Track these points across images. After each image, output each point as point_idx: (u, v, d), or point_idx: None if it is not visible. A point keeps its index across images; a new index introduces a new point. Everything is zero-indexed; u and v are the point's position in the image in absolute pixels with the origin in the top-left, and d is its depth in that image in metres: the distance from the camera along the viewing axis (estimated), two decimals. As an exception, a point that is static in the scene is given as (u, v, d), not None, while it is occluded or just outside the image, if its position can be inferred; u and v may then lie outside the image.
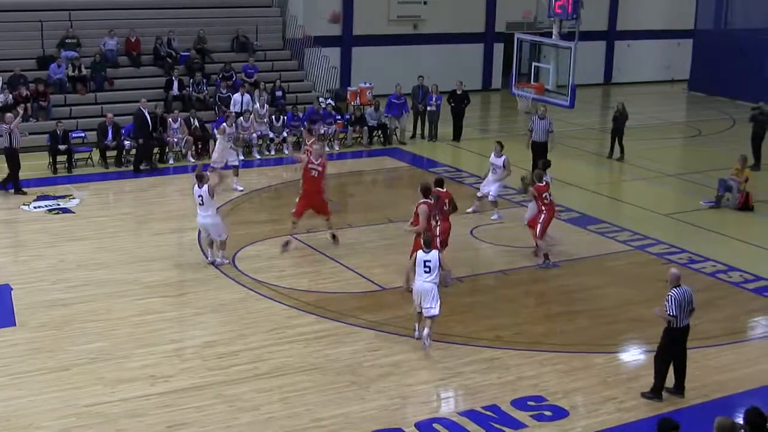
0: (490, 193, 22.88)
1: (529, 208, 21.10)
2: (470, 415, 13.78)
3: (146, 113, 27.44)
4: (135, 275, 18.98)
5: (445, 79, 34.12)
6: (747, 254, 21.43)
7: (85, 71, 31.36)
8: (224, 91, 31.42)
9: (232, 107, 30.20)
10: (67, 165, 26.96)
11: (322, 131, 29.97)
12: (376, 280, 19.10)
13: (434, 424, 13.49)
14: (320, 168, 20.41)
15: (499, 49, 42.62)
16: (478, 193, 23.30)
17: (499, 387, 14.67)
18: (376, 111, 31.84)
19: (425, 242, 16.38)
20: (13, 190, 24.45)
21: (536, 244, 20.38)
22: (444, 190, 19.09)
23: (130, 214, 23.81)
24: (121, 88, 32.01)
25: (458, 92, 32.78)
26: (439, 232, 18.42)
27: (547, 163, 22.17)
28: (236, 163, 25.53)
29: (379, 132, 32.04)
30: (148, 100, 29.12)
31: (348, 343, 16.12)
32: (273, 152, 29.83)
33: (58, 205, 23.65)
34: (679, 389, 14.52)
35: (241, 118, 28.96)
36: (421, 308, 16.01)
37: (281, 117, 30.32)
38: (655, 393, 14.39)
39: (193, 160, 28.46)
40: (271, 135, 29.89)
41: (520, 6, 40.39)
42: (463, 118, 32.82)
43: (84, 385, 14.34)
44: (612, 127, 30.50)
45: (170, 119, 28.36)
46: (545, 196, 20.19)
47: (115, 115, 28.35)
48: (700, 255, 21.02)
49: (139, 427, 13.21)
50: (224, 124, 25.95)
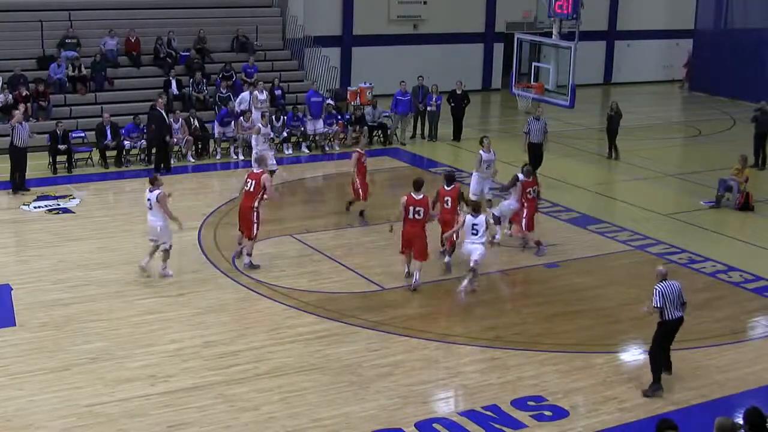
0: (485, 192, 22.55)
1: (504, 202, 21.25)
2: (470, 415, 13.78)
3: (164, 113, 27.53)
4: (135, 275, 18.97)
5: (445, 79, 34.13)
6: (747, 254, 21.44)
7: (85, 71, 31.36)
8: (224, 91, 31.42)
9: (237, 106, 30.13)
10: (67, 165, 26.97)
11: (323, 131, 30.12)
12: (376, 280, 19.11)
13: (434, 424, 13.49)
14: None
15: (499, 49, 42.65)
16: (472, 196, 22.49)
17: (499, 387, 14.67)
18: (374, 110, 31.85)
19: (474, 207, 18.52)
20: (11, 189, 24.45)
21: (523, 237, 20.95)
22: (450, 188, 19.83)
23: (130, 214, 23.74)
24: (121, 88, 32.02)
25: (458, 92, 32.80)
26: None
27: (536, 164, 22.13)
28: (274, 168, 24.55)
29: (379, 132, 32.06)
30: (147, 101, 29.21)
31: (348, 343, 16.13)
32: (273, 152, 29.78)
33: (58, 205, 23.66)
34: (666, 367, 14.86)
35: (242, 118, 28.94)
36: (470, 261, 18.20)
37: (281, 117, 30.32)
38: (654, 389, 14.53)
39: (193, 160, 28.47)
40: (272, 134, 29.87)
41: (520, 6, 40.42)
42: (463, 118, 32.84)
43: (84, 385, 14.34)
44: (606, 127, 30.49)
45: (171, 119, 28.33)
46: (529, 191, 20.57)
47: (116, 115, 28.42)
48: (700, 255, 21.03)
49: (140, 427, 13.22)
50: (259, 124, 25.84)
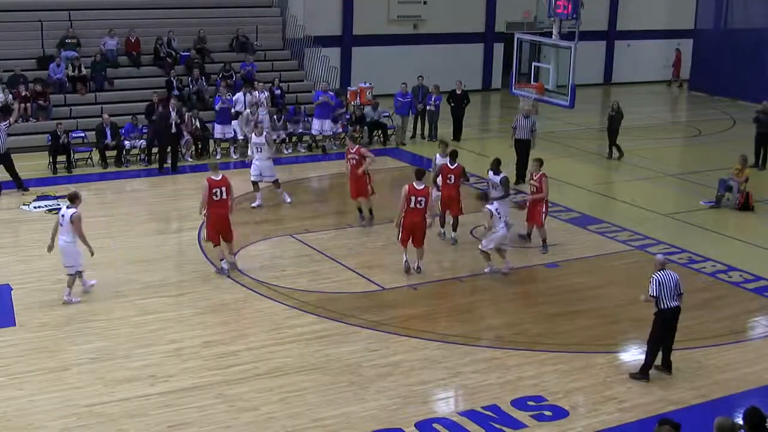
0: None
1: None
2: (470, 415, 13.78)
3: (173, 113, 27.62)
4: (135, 275, 18.99)
5: (446, 79, 34.13)
6: (747, 254, 21.43)
7: (85, 71, 31.36)
8: (224, 91, 31.39)
9: (233, 107, 30.16)
10: (66, 165, 26.97)
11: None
12: (375, 280, 19.10)
13: (434, 424, 13.48)
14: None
15: (499, 49, 42.66)
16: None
17: (499, 387, 14.66)
18: (374, 110, 31.85)
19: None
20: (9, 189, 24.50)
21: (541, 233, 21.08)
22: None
23: (130, 214, 23.79)
24: (121, 88, 32.02)
25: (458, 92, 32.80)
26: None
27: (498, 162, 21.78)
28: (273, 177, 24.25)
29: (379, 131, 32.07)
30: (147, 101, 29.25)
31: (348, 343, 16.13)
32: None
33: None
34: (666, 367, 15.08)
35: (237, 120, 29.04)
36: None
37: (281, 117, 30.33)
38: (644, 373, 14.89)
39: (191, 160, 28.45)
40: (274, 136, 29.93)
41: (520, 6, 40.43)
42: (463, 118, 32.84)
43: (84, 385, 14.34)
44: (607, 127, 30.47)
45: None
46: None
47: (116, 115, 28.46)
48: (700, 255, 21.03)
49: (140, 427, 13.21)
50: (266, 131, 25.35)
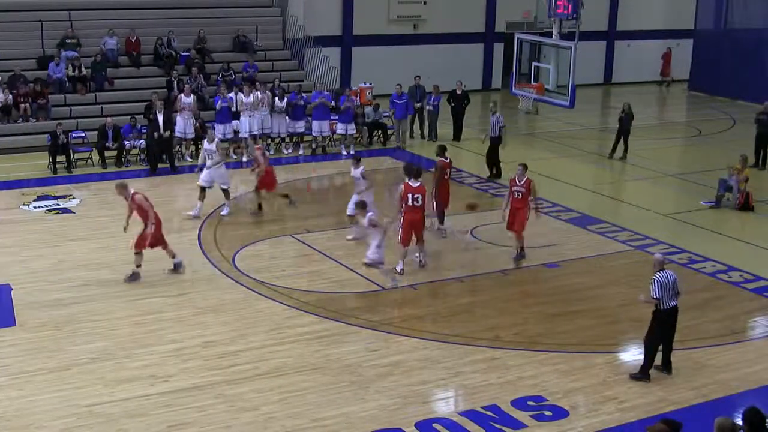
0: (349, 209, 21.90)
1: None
2: (470, 415, 13.78)
3: (160, 116, 27.61)
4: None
5: (446, 79, 34.17)
6: (747, 254, 21.44)
7: (85, 71, 31.37)
8: (226, 92, 31.32)
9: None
10: (66, 165, 26.98)
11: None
12: (375, 280, 19.11)
13: (434, 424, 13.49)
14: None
15: (499, 49, 42.66)
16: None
17: (498, 387, 14.67)
18: (375, 111, 31.86)
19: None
20: None
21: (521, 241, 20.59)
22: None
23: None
24: (122, 88, 32.02)
25: (458, 92, 32.79)
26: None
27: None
28: (227, 185, 23.50)
29: (379, 132, 32.07)
30: (147, 101, 29.28)
31: (348, 343, 16.13)
32: (272, 152, 29.82)
33: (58, 205, 23.67)
34: (666, 367, 15.13)
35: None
36: None
37: (285, 96, 30.22)
38: (644, 373, 14.91)
39: (191, 160, 28.44)
40: (273, 134, 29.96)
41: (520, 6, 40.42)
42: (463, 118, 32.83)
43: (84, 385, 14.34)
44: (618, 128, 30.43)
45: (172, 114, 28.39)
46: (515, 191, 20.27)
47: (115, 115, 28.49)
48: (700, 255, 21.04)
49: (140, 427, 13.21)
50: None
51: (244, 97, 29.38)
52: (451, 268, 20.10)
